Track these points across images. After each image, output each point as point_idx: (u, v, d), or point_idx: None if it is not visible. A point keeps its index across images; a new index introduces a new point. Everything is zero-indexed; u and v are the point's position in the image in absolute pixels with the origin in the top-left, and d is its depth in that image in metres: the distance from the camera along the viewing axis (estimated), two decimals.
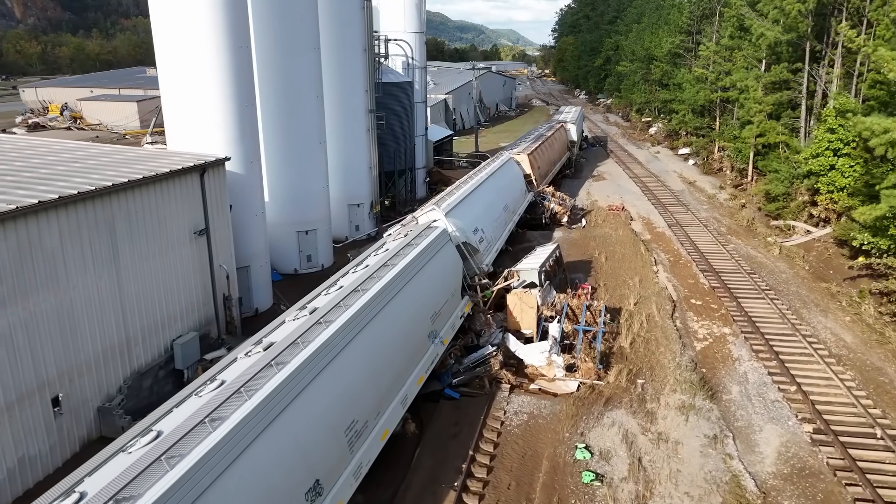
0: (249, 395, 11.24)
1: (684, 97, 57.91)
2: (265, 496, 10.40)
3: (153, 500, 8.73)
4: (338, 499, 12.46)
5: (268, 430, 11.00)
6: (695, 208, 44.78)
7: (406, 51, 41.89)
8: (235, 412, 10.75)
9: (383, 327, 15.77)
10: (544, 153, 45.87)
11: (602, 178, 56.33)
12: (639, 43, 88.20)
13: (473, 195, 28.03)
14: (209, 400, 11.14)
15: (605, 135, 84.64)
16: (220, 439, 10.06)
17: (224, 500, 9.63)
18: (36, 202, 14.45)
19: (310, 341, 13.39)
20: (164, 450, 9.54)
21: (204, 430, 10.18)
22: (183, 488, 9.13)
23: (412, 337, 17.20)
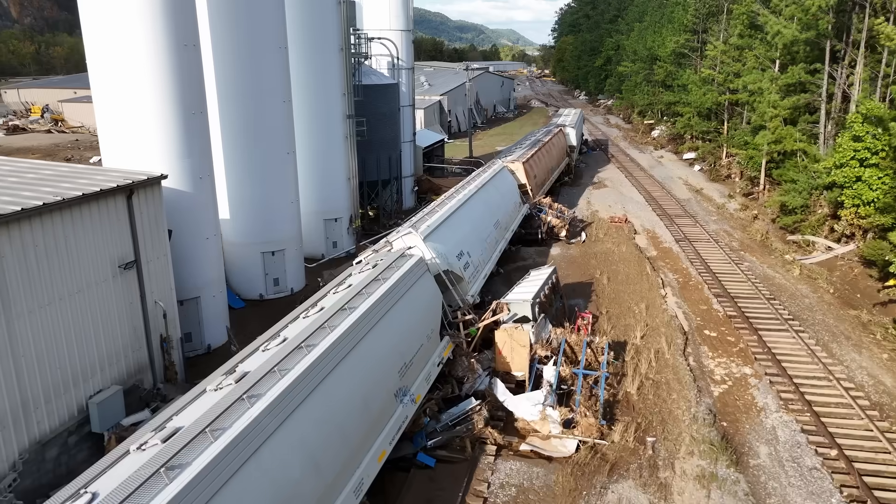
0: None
1: (690, 99, 54.72)
2: None
3: None
4: None
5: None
6: (703, 220, 41.56)
7: (391, 50, 38.70)
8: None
9: (331, 397, 12.57)
10: (541, 160, 42.67)
11: (603, 185, 53.11)
12: (641, 42, 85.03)
13: (459, 213, 24.83)
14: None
15: (606, 138, 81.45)
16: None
17: None
18: None
19: (223, 429, 10.19)
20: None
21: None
22: None
23: (372, 401, 13.98)
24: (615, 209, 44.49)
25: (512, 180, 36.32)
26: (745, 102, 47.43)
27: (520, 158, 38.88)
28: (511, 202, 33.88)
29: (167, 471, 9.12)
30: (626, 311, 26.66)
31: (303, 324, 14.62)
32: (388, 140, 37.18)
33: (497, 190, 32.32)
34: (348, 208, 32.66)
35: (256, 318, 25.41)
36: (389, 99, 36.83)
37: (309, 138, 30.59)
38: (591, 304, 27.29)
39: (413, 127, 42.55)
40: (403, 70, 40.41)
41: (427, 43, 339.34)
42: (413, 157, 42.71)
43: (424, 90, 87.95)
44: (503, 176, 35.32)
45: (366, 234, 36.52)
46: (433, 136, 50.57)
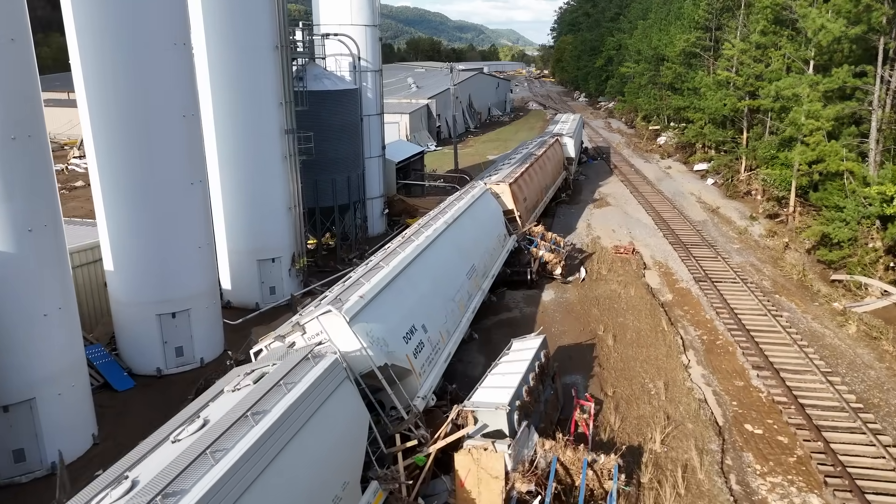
0: None
1: (704, 105, 48.26)
2: None
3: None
4: None
5: None
6: (724, 249, 35.14)
7: (351, 49, 32.28)
8: None
9: None
10: (533, 179, 36.24)
11: (605, 202, 46.66)
12: (645, 41, 78.59)
13: (415, 267, 18.40)
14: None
15: (608, 145, 75.00)
16: None
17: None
18: None
19: None
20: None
21: None
22: None
23: None
24: (620, 234, 38.05)
25: (496, 207, 29.91)
26: (768, 109, 41.03)
27: (506, 179, 32.46)
28: (494, 235, 27.47)
29: None
30: (639, 391, 20.24)
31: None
32: (347, 157, 30.78)
33: (475, 222, 25.90)
34: (290, 245, 26.24)
35: (144, 404, 19.06)
36: (348, 107, 30.43)
37: (234, 161, 24.23)
38: (592, 381, 20.85)
39: (382, 139, 36.13)
40: (369, 72, 34.00)
41: (424, 43, 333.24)
42: (382, 175, 36.30)
43: (412, 93, 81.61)
44: (485, 202, 28.92)
45: (319, 272, 30.23)
46: (409, 148, 44.15)
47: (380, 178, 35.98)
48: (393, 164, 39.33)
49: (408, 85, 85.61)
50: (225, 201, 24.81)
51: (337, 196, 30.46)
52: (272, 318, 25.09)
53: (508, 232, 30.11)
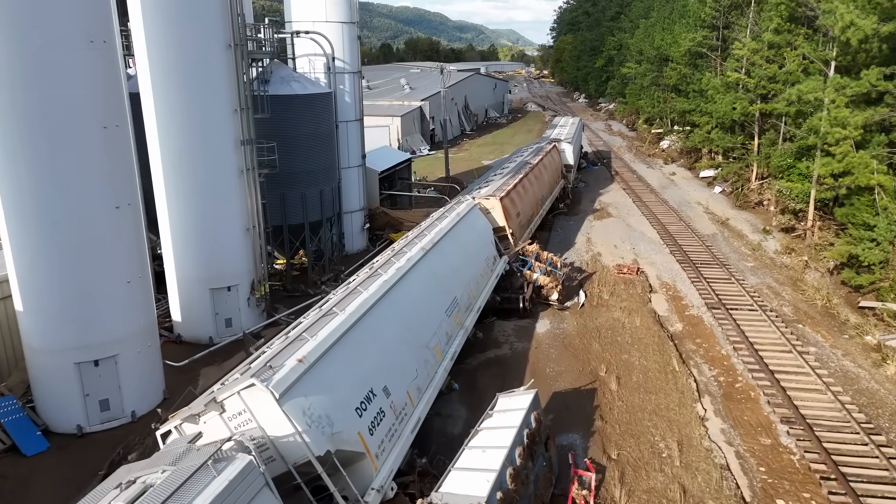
0: None
1: (713, 109, 45.07)
2: None
3: None
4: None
5: None
6: (738, 268, 31.98)
7: (324, 48, 29.10)
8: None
9: None
10: (528, 191, 33.08)
11: (606, 213, 43.47)
12: (647, 41, 75.48)
13: (376, 312, 15.18)
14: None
15: (609, 149, 71.84)
16: None
17: None
18: None
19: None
20: None
21: None
22: None
23: None
24: (623, 251, 34.87)
25: (484, 225, 26.75)
26: (783, 114, 37.90)
27: (497, 192, 29.27)
28: (481, 259, 24.31)
29: None
30: (649, 453, 17.07)
31: None
32: (319, 168, 27.61)
33: (460, 245, 22.73)
34: (248, 270, 23.07)
35: (52, 475, 15.85)
36: (320, 113, 27.25)
37: (180, 177, 21.07)
38: (593, 439, 17.68)
39: (361, 147, 32.93)
40: (346, 74, 30.83)
41: (423, 43, 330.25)
42: (363, 186, 33.12)
43: (404, 94, 78.49)
44: (472, 220, 25.75)
45: (288, 297, 27.11)
46: (395, 156, 40.89)
47: (359, 190, 32.81)
48: (375, 173, 36.13)
49: (401, 86, 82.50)
50: (172, 223, 21.66)
51: (308, 212, 27.28)
52: (227, 354, 21.94)
53: (499, 252, 26.95)
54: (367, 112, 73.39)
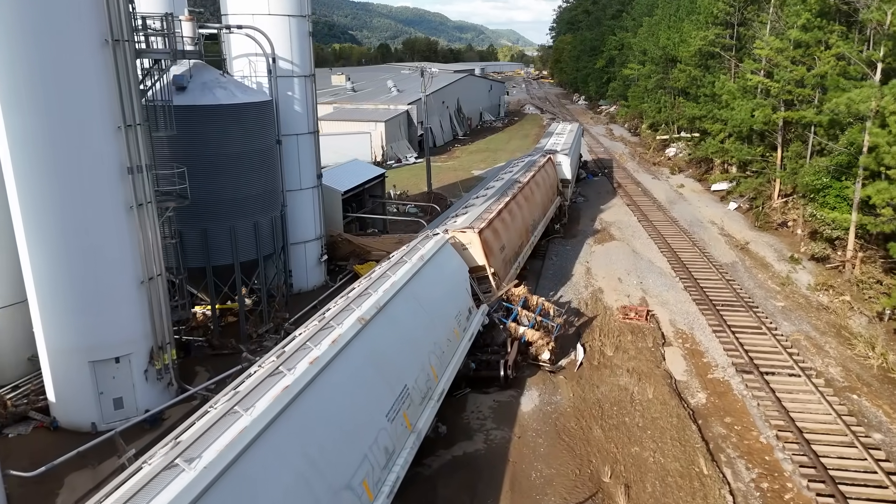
0: None
1: (730, 116, 39.73)
2: None
3: None
4: None
5: None
6: (767, 309, 26.69)
7: (263, 47, 23.79)
8: None
9: None
10: (515, 217, 27.77)
11: (609, 235, 38.13)
12: (651, 40, 70.22)
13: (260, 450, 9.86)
14: None
15: (610, 156, 66.57)
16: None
17: None
18: None
19: None
20: None
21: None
22: None
23: None
24: (628, 285, 29.57)
25: (458, 266, 21.48)
26: (812, 123, 32.65)
27: (476, 222, 23.92)
28: (451, 316, 18.99)
29: None
30: None
31: None
32: (255, 195, 22.32)
33: (420, 304, 17.42)
34: (145, 334, 17.74)
35: None
36: (254, 127, 21.94)
37: (43, 217, 15.78)
38: None
39: (316, 164, 27.58)
40: (295, 78, 25.51)
41: (420, 43, 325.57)
42: (319, 210, 27.81)
43: (391, 97, 73.21)
44: (442, 261, 20.46)
45: (214, 357, 21.87)
46: (364, 171, 35.31)
47: (315, 216, 27.50)
48: (338, 194, 30.76)
49: (387, 88, 77.20)
50: (37, 279, 16.37)
51: (239, 249, 21.99)
52: (113, 449, 16.61)
53: (477, 300, 21.68)
54: (347, 117, 68.40)
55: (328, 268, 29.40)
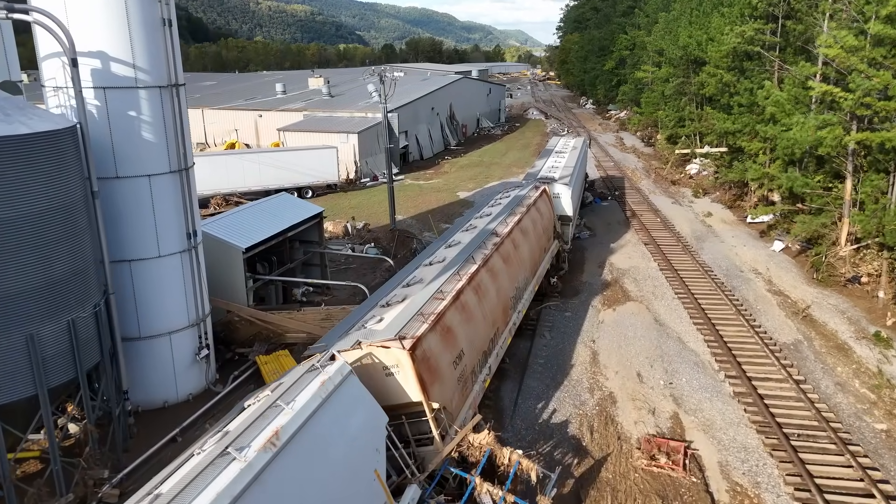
0: None
1: (781, 135, 30.37)
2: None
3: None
4: None
5: None
6: (863, 438, 17.53)
7: (60, 38, 14.77)
8: None
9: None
10: (485, 297, 18.59)
11: (622, 293, 28.88)
12: (669, 39, 60.93)
13: None
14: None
15: (621, 172, 57.30)
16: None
17: None
18: None
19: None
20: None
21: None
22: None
23: None
24: (653, 390, 20.39)
25: (370, 413, 12.41)
26: None
27: (410, 328, 14.74)
28: None
29: None
30: None
31: None
32: (46, 283, 13.33)
33: None
34: None
35: None
36: (44, 175, 12.96)
37: None
38: None
39: (188, 216, 18.45)
40: (143, 91, 16.47)
41: (425, 43, 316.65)
42: (195, 284, 18.75)
43: (370, 104, 64.17)
44: (339, 412, 11.43)
45: None
46: (287, 212, 25.15)
47: (187, 293, 18.49)
48: (237, 252, 21.62)
49: (368, 93, 68.11)
50: None
51: (18, 380, 13.03)
52: None
53: (406, 471, 12.65)
54: (315, 128, 59.09)
55: (216, 365, 20.40)
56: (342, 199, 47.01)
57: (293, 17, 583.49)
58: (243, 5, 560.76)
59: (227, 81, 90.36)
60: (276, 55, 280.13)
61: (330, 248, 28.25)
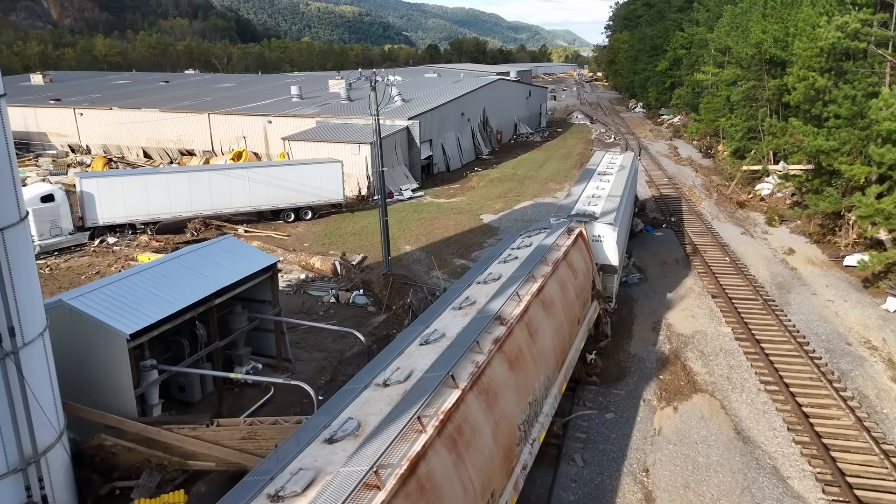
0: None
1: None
2: None
3: None
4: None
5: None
6: None
7: None
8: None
9: None
10: (471, 445, 11.26)
11: (686, 381, 20.99)
12: (736, 36, 52.30)
13: None
14: None
15: (677, 191, 49.00)
16: None
17: None
18: None
19: None
20: None
21: None
22: None
23: None
24: None
25: None
26: None
27: None
28: None
29: None
30: None
31: None
32: None
33: None
34: None
35: None
36: None
37: None
38: None
39: (6, 307, 11.69)
40: None
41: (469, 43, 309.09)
42: (21, 402, 11.94)
43: (391, 109, 57.31)
44: None
45: None
46: (225, 267, 18.30)
47: (3, 422, 11.70)
48: (120, 340, 14.75)
49: (389, 97, 61.29)
50: None
51: None
52: None
53: None
54: (325, 137, 52.22)
55: (100, 494, 13.64)
56: (346, 223, 40.18)
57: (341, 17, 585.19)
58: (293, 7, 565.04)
59: (246, 83, 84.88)
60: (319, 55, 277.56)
61: (286, 319, 21.09)
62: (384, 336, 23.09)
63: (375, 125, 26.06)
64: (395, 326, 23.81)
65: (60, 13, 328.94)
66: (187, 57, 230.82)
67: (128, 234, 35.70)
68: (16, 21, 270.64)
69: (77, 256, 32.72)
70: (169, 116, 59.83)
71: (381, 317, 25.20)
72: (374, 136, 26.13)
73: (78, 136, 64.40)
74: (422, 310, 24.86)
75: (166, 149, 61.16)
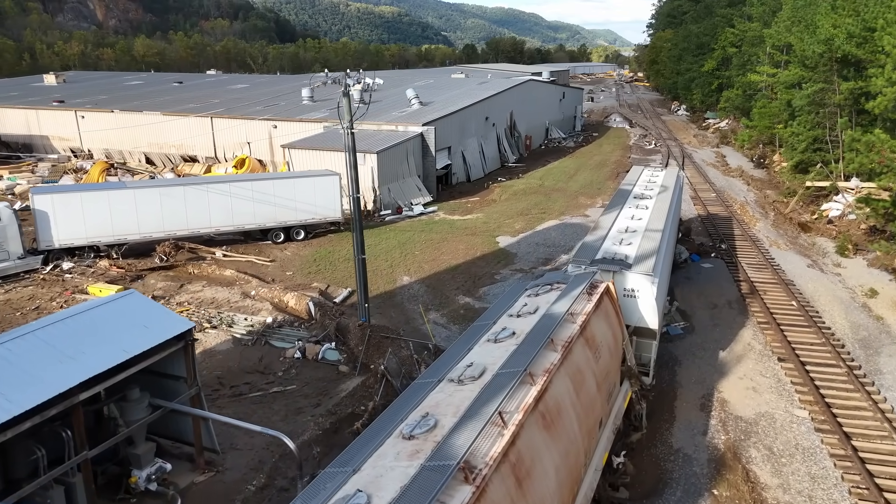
0: None
1: None
2: None
3: None
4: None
5: None
6: None
7: None
8: None
9: None
10: None
11: (752, 497, 15.32)
12: (800, 32, 45.59)
13: None
14: None
15: (727, 209, 42.60)
16: None
17: None
18: None
19: None
20: None
21: None
22: None
23: None
24: None
25: None
26: None
27: None
28: None
29: None
30: None
31: None
32: None
33: None
34: None
35: None
36: None
37: None
38: None
39: None
40: None
41: (505, 43, 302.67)
42: None
43: (406, 114, 52.14)
44: None
45: None
46: (97, 348, 13.18)
47: None
48: None
49: (406, 100, 56.13)
50: None
51: None
52: None
53: None
54: (324, 145, 44.78)
55: None
56: (342, 245, 35.03)
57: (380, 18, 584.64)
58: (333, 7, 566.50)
59: (260, 84, 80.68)
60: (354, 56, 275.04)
61: (210, 413, 15.90)
62: (347, 416, 17.81)
63: (347, 141, 20.67)
64: (365, 401, 18.50)
65: (105, 14, 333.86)
66: (224, 57, 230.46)
67: (89, 257, 31.24)
68: (62, 22, 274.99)
69: (21, 286, 28.31)
70: (170, 119, 55.73)
71: (353, 381, 19.95)
72: (347, 153, 20.71)
73: (80, 139, 60.92)
74: (401, 377, 19.51)
75: (168, 154, 57.14)
